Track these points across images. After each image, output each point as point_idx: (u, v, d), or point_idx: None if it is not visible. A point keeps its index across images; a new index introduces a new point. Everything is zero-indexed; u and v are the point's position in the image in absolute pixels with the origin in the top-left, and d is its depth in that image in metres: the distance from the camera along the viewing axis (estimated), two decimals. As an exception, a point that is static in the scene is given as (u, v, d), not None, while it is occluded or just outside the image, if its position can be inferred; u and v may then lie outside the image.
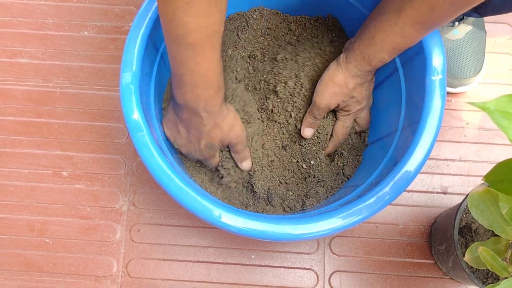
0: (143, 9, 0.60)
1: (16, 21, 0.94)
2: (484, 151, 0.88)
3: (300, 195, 0.73)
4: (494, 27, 0.93)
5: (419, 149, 0.58)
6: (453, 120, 0.89)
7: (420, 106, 0.60)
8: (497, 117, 0.41)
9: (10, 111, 0.90)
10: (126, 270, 0.84)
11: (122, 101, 0.57)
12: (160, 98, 0.70)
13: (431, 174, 0.87)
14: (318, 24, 0.78)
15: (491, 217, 0.58)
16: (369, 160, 0.72)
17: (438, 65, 0.60)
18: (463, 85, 0.87)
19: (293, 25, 0.78)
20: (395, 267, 0.83)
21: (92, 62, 0.92)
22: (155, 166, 0.56)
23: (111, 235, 0.85)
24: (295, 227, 0.55)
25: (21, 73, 0.92)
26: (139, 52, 0.59)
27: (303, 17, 0.78)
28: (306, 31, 0.78)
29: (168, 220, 0.85)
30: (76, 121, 0.90)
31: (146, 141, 0.56)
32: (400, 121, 0.66)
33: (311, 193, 0.73)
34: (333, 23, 0.77)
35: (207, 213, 0.54)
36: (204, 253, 0.84)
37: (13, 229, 0.85)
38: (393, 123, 0.68)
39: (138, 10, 0.60)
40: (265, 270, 0.83)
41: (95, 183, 0.87)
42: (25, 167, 0.88)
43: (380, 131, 0.73)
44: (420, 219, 0.85)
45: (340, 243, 0.84)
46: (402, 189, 0.58)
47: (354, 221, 0.56)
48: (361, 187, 0.65)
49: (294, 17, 0.78)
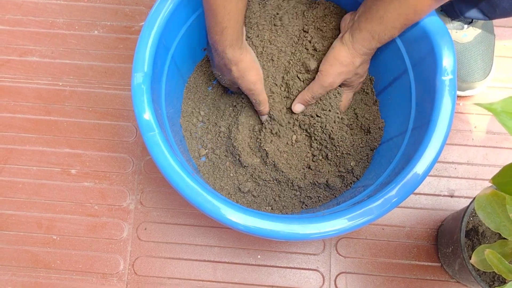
0: (154, 9, 0.61)
1: (27, 19, 0.95)
2: (492, 155, 0.88)
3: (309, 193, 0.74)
4: (503, 31, 0.93)
5: (430, 150, 0.58)
6: (461, 124, 0.89)
7: (430, 106, 0.60)
8: (504, 118, 0.41)
9: (20, 109, 0.91)
10: (132, 268, 0.84)
11: (133, 101, 0.57)
12: (170, 98, 0.71)
13: (439, 177, 0.87)
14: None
15: (498, 220, 0.58)
16: (379, 161, 0.72)
17: (449, 66, 0.60)
18: (472, 88, 0.87)
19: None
20: (401, 270, 0.83)
21: (101, 61, 0.93)
22: (166, 166, 0.56)
23: (118, 233, 0.86)
24: (304, 226, 0.55)
25: (31, 71, 0.93)
26: (150, 52, 0.59)
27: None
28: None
29: (175, 219, 0.86)
30: (85, 120, 0.90)
31: (158, 141, 0.56)
32: (410, 121, 0.66)
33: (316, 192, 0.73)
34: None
35: (217, 212, 0.55)
36: (210, 253, 0.84)
37: (21, 225, 0.86)
38: (403, 124, 0.68)
39: (148, 10, 0.61)
40: (271, 270, 0.84)
41: (103, 181, 0.88)
42: (34, 165, 0.89)
43: (390, 131, 0.73)
44: (427, 221, 0.85)
45: (347, 244, 0.85)
46: (410, 192, 0.58)
47: (362, 222, 0.56)
48: (371, 188, 0.65)
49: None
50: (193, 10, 0.68)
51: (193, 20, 0.69)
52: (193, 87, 0.79)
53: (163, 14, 0.60)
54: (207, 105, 0.80)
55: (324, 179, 0.73)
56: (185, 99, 0.78)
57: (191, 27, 0.69)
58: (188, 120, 0.78)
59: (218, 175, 0.75)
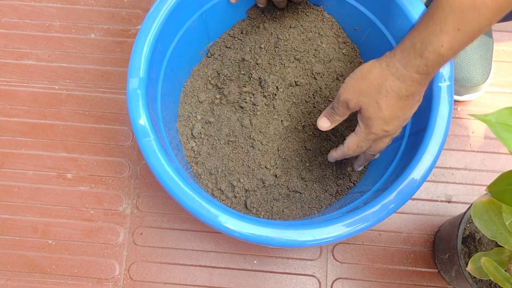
0: (150, 14, 0.60)
1: (23, 23, 0.95)
2: (490, 161, 0.87)
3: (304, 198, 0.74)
4: (502, 36, 0.93)
5: (426, 156, 0.58)
6: (459, 129, 0.89)
7: (427, 113, 0.60)
8: (498, 129, 0.41)
9: (16, 112, 0.91)
10: (128, 273, 0.84)
11: (129, 107, 0.57)
12: (166, 103, 0.70)
13: (436, 183, 0.87)
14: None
15: (495, 228, 0.58)
16: (376, 166, 0.71)
17: (446, 71, 0.60)
18: (470, 93, 0.87)
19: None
20: (398, 276, 0.83)
21: (98, 65, 0.93)
22: (162, 172, 0.56)
23: (114, 238, 0.85)
24: (301, 233, 0.55)
25: (28, 74, 0.92)
26: (146, 57, 0.59)
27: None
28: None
29: (171, 224, 0.85)
30: (81, 123, 0.90)
31: (153, 147, 0.56)
32: (407, 127, 0.66)
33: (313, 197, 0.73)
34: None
35: (212, 219, 0.54)
36: (206, 258, 0.84)
37: (16, 230, 0.86)
38: (400, 129, 0.68)
39: (144, 14, 0.61)
40: (267, 275, 0.83)
41: (99, 186, 0.87)
42: (29, 168, 0.88)
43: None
44: (424, 227, 0.85)
45: (343, 250, 0.84)
46: (407, 198, 0.57)
47: (359, 228, 0.56)
48: (367, 193, 0.65)
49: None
50: (190, 14, 0.67)
51: (190, 25, 0.69)
52: (190, 91, 0.79)
53: (159, 19, 0.60)
54: (204, 109, 0.80)
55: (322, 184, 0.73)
56: (182, 103, 0.78)
57: (188, 31, 0.69)
58: (184, 124, 0.77)
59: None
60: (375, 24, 0.70)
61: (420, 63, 0.49)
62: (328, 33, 0.77)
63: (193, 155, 0.75)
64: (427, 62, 0.49)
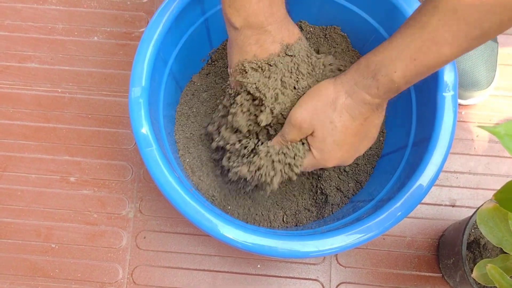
0: (152, 22, 0.60)
1: (26, 25, 0.94)
2: (494, 164, 0.87)
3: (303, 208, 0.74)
4: (507, 39, 0.92)
5: (431, 166, 0.57)
6: (463, 133, 0.88)
7: (431, 123, 0.59)
8: (507, 141, 0.41)
9: (19, 116, 0.90)
10: (131, 277, 0.84)
11: (131, 116, 0.56)
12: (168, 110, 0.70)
13: (440, 187, 0.86)
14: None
15: (500, 235, 0.58)
16: (379, 176, 0.71)
17: (450, 81, 0.60)
18: (474, 97, 0.86)
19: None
20: (402, 280, 0.83)
21: (101, 68, 0.92)
22: (164, 182, 0.55)
23: (117, 242, 0.85)
24: (303, 244, 0.54)
25: (30, 77, 0.92)
26: (148, 66, 0.58)
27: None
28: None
29: (174, 228, 0.85)
30: (84, 127, 0.90)
31: (155, 156, 0.56)
32: (411, 136, 0.65)
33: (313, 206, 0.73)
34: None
35: (215, 230, 0.54)
36: (209, 262, 0.84)
37: (19, 233, 0.86)
38: (403, 138, 0.67)
39: (148, 16, 0.60)
40: (270, 280, 0.83)
41: (102, 189, 0.87)
42: (32, 172, 0.88)
43: (390, 145, 0.72)
44: (428, 231, 0.84)
45: (347, 254, 0.84)
46: (413, 206, 0.57)
47: (364, 239, 0.55)
48: (371, 203, 0.64)
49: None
50: (192, 21, 0.67)
51: (192, 32, 0.68)
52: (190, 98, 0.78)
53: (161, 27, 0.60)
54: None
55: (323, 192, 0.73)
56: (181, 104, 0.77)
57: (190, 38, 0.68)
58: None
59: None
60: (378, 32, 0.69)
61: (371, 84, 0.48)
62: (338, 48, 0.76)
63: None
64: (378, 84, 0.48)
